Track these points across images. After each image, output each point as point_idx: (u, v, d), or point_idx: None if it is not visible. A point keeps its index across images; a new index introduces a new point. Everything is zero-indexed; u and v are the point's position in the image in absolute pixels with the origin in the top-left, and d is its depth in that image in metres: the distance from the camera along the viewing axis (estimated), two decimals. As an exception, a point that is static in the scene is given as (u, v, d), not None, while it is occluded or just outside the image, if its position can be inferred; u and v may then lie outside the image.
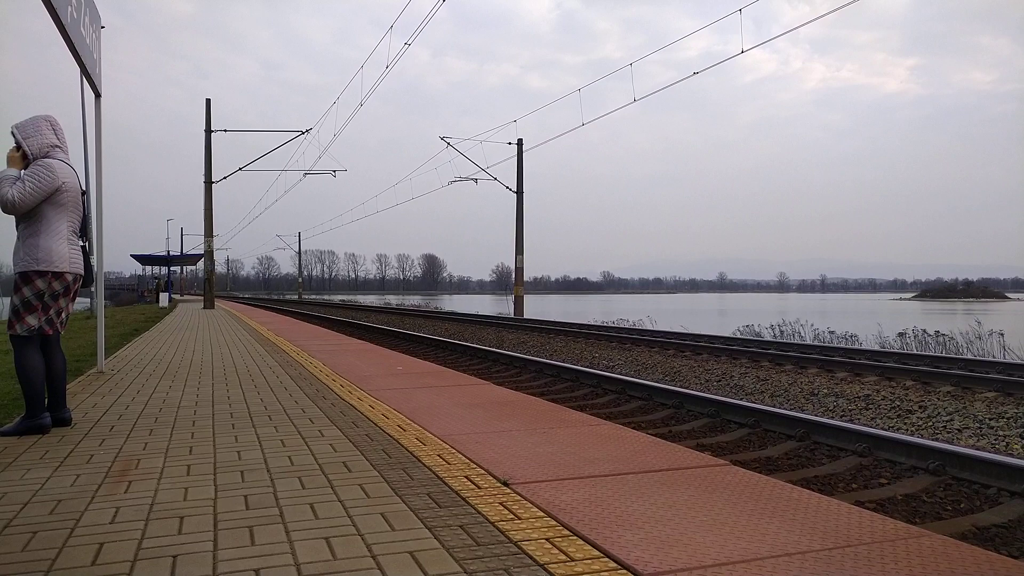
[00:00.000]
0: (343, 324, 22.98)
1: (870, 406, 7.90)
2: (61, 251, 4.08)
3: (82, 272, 4.28)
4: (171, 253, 52.63)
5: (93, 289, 5.41)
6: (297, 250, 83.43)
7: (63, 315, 4.19)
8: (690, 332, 18.18)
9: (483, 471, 3.12)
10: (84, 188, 4.43)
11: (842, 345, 16.15)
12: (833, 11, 12.96)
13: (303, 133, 27.05)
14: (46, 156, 4.10)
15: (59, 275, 4.05)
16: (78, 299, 4.49)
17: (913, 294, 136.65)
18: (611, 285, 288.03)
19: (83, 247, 4.33)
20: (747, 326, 23.41)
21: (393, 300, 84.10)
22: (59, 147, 4.21)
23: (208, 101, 27.53)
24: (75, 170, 4.30)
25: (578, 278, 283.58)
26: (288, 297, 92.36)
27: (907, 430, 6.79)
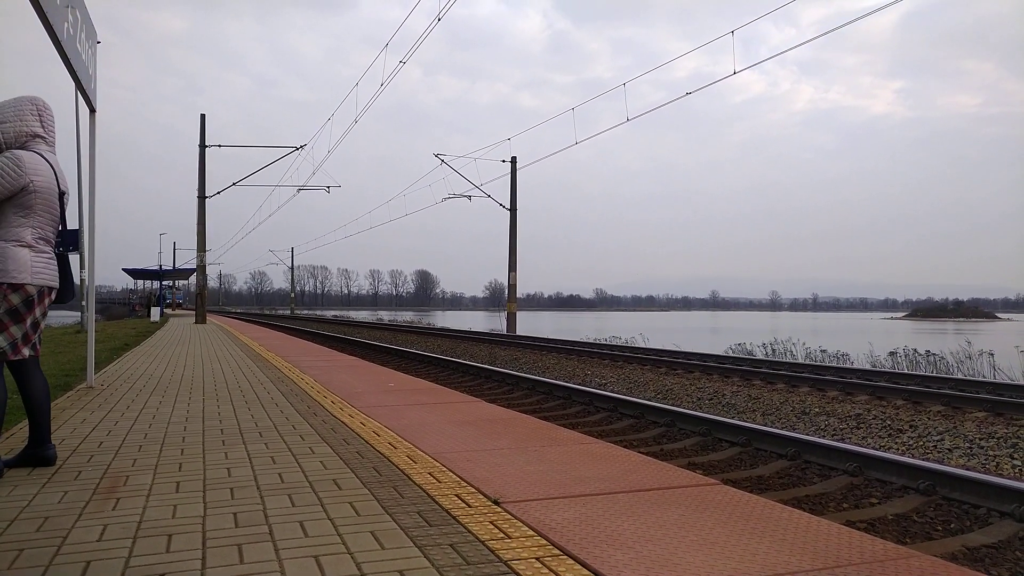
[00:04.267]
0: (335, 340, 22.91)
1: (861, 425, 7.92)
2: (22, 259, 3.45)
3: (53, 285, 3.63)
4: (163, 267, 52.49)
5: (84, 303, 5.29)
6: (290, 265, 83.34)
7: (37, 334, 3.59)
8: (682, 350, 18.20)
9: (474, 489, 3.11)
10: (64, 188, 3.75)
11: (833, 364, 16.21)
12: (822, 35, 13.14)
13: (297, 149, 27.18)
14: (22, 147, 3.52)
15: (17, 287, 3.44)
16: (67, 313, 4.19)
17: (904, 313, 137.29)
18: (604, 302, 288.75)
19: (59, 255, 3.71)
20: (739, 344, 23.50)
21: (386, 316, 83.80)
22: (42, 138, 3.61)
23: (203, 117, 27.61)
24: (54, 167, 3.65)
25: (571, 295, 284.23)
26: (280, 312, 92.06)
27: (898, 449, 6.81)
